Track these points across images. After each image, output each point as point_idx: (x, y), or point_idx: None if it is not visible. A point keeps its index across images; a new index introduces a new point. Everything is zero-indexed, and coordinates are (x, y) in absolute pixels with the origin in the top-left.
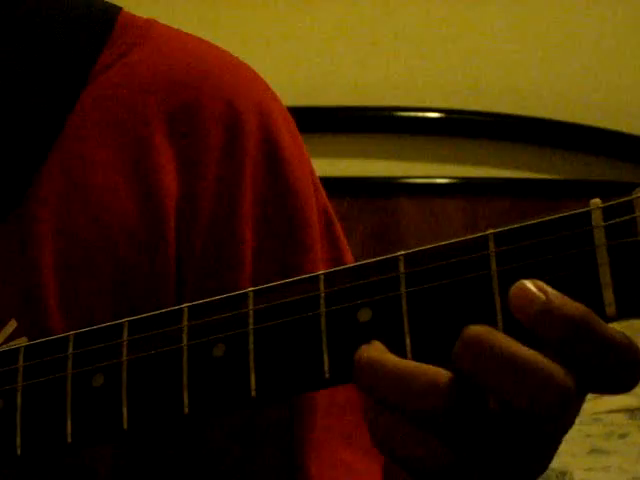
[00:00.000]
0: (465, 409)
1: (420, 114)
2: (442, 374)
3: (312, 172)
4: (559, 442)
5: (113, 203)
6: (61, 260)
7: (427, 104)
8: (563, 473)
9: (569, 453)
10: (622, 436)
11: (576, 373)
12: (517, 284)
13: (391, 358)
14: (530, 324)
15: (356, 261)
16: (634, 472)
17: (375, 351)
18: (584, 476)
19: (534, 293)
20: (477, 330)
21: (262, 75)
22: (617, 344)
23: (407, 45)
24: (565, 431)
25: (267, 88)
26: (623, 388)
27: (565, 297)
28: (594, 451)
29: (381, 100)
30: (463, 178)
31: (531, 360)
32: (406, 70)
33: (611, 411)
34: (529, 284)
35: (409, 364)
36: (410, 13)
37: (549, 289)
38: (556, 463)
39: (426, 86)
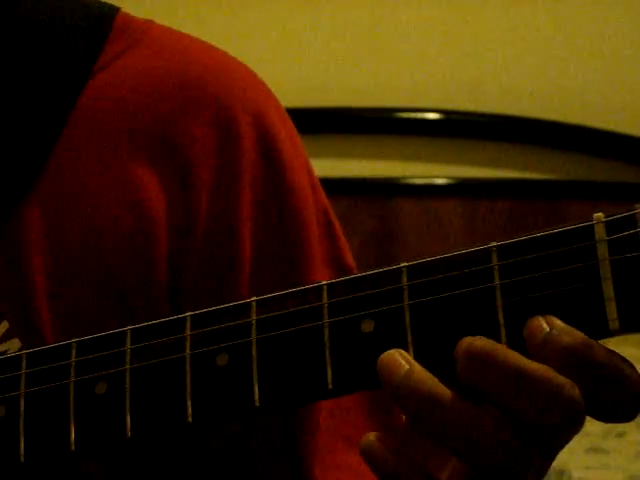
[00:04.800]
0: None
1: (420, 115)
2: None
3: (310, 172)
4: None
5: (103, 207)
6: (52, 263)
7: (427, 105)
8: (561, 471)
9: (567, 451)
10: (620, 434)
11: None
12: (531, 318)
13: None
14: (535, 355)
15: (355, 261)
16: (632, 470)
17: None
18: (582, 474)
19: (541, 325)
20: (481, 344)
21: (263, 77)
22: (618, 374)
23: (407, 46)
24: (566, 443)
25: (264, 89)
26: (622, 418)
27: (569, 328)
28: (592, 449)
29: (381, 101)
30: (463, 179)
31: (540, 373)
32: (406, 71)
33: None
34: (540, 318)
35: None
36: (410, 14)
37: (556, 322)
38: (555, 461)
39: (426, 87)
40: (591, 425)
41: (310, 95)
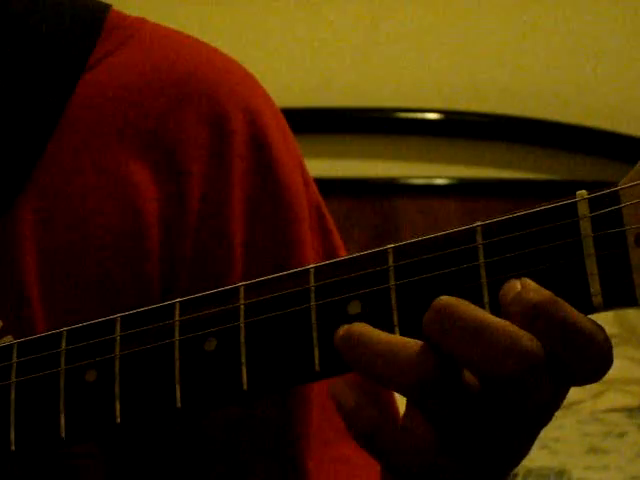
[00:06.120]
0: (440, 381)
1: (419, 115)
2: (422, 347)
3: (303, 168)
4: (534, 430)
5: (96, 205)
6: (45, 261)
7: (426, 105)
8: (562, 472)
9: (568, 452)
10: (620, 435)
11: (548, 359)
12: (507, 281)
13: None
14: (506, 314)
15: None
16: (632, 471)
17: (364, 327)
18: (582, 475)
19: (514, 285)
20: (446, 299)
21: (263, 76)
22: (583, 332)
23: (407, 46)
24: (540, 419)
25: (256, 85)
26: (586, 378)
27: (538, 286)
28: (592, 450)
29: (381, 101)
30: (462, 179)
31: (497, 324)
32: (406, 71)
33: (610, 410)
34: (515, 279)
35: (396, 338)
36: (410, 14)
37: (528, 281)
38: (555, 462)
39: (425, 87)
40: (591, 426)
41: (310, 95)
